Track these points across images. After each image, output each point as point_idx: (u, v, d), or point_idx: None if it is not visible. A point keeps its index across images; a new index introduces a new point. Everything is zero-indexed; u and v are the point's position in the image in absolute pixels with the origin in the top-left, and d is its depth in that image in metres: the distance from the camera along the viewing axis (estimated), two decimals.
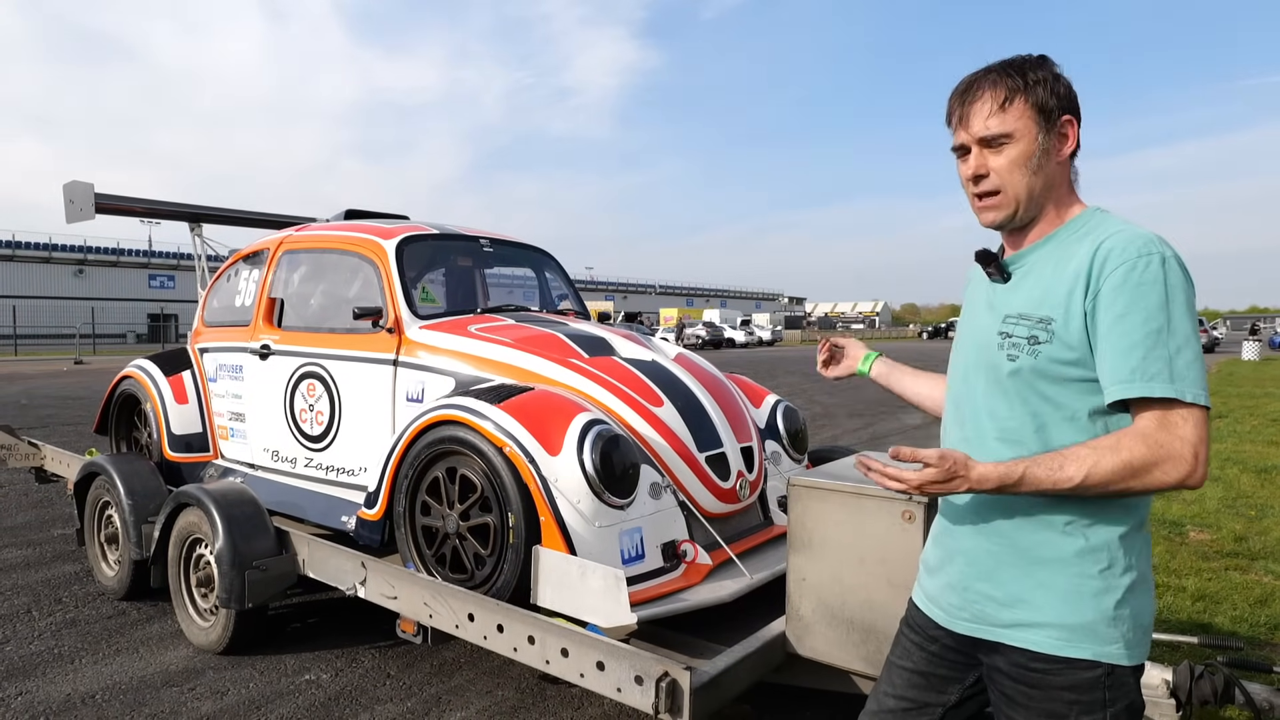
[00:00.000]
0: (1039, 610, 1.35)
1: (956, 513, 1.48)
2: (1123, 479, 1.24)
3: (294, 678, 3.36)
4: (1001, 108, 1.37)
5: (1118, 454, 1.25)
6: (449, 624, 2.69)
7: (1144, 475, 1.24)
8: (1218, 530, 5.49)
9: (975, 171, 1.41)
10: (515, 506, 2.67)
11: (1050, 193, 1.40)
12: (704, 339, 43.22)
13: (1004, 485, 1.30)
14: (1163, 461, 1.23)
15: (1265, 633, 3.75)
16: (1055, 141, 1.38)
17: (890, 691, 1.59)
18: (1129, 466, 1.24)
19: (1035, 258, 1.42)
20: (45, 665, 3.45)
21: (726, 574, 2.84)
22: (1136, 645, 1.35)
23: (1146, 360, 1.24)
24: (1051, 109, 1.36)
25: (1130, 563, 1.35)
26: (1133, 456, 1.24)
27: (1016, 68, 1.38)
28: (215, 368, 4.43)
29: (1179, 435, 1.23)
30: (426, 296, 3.85)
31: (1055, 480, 1.27)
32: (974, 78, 1.42)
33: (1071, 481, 1.26)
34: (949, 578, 1.49)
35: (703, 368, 3.59)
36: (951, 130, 1.45)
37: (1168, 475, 1.23)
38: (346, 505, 3.50)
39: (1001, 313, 1.42)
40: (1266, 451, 8.64)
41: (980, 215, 1.44)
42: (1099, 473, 1.25)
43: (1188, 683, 2.15)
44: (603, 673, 2.21)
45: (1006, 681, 1.40)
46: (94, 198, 5.03)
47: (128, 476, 4.09)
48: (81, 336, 33.15)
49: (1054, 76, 1.38)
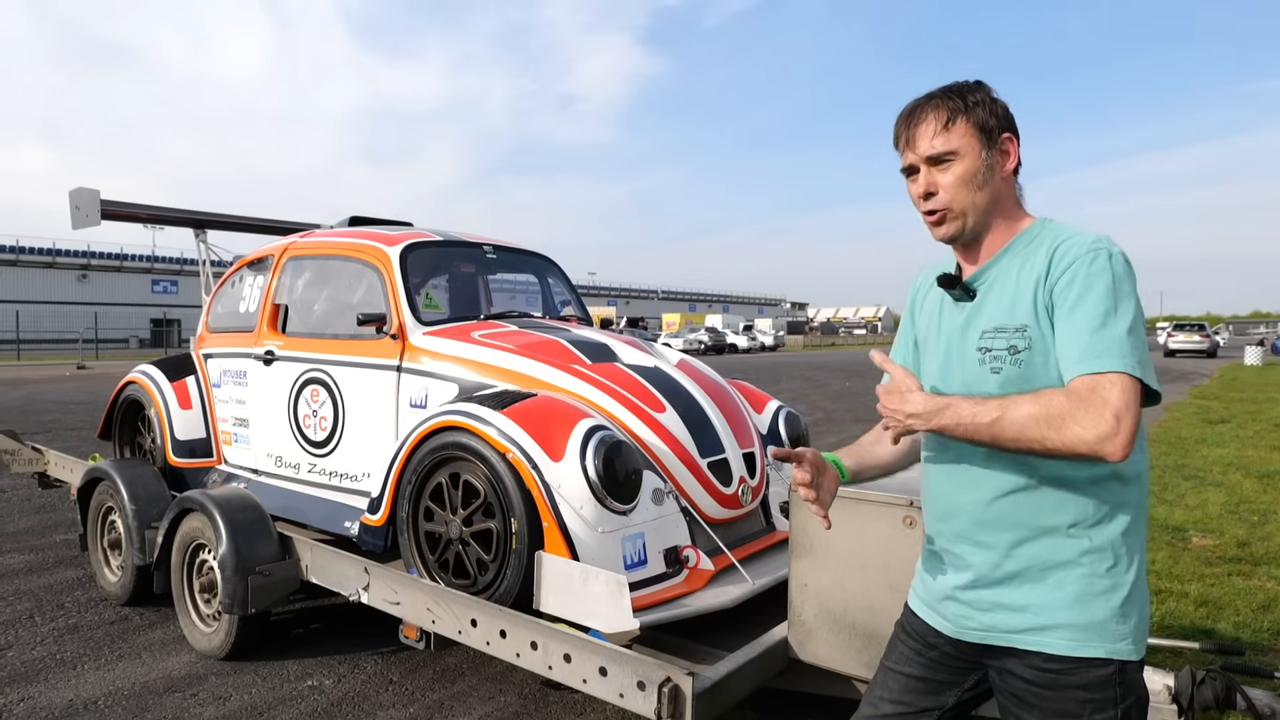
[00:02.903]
0: (1051, 613, 1.37)
1: (957, 520, 1.48)
2: (1038, 426, 1.27)
3: (296, 683, 3.36)
4: (945, 128, 1.44)
5: (1038, 401, 1.28)
6: (452, 629, 2.70)
7: (1060, 426, 1.25)
8: (1220, 536, 5.48)
9: (925, 189, 1.48)
10: (518, 512, 2.68)
11: (997, 207, 1.47)
12: (706, 344, 43.23)
13: (928, 410, 1.36)
14: (1080, 415, 1.24)
15: (1268, 638, 3.75)
16: (998, 158, 1.45)
17: (886, 696, 1.59)
18: (1046, 414, 1.26)
19: (996, 271, 1.47)
20: (48, 671, 3.46)
21: (729, 579, 2.85)
22: (1140, 640, 1.38)
23: (1094, 339, 1.29)
24: (992, 128, 1.44)
25: (1132, 559, 1.38)
26: (1051, 405, 1.27)
27: (956, 91, 1.47)
28: (219, 373, 4.44)
29: (1103, 396, 1.25)
30: (430, 303, 3.87)
31: (975, 413, 1.32)
32: (917, 103, 1.50)
33: (989, 417, 1.30)
34: (953, 587, 1.49)
35: (705, 373, 3.60)
36: (900, 152, 1.52)
37: (1085, 431, 1.24)
38: (350, 511, 3.50)
39: (977, 329, 1.45)
40: (1269, 456, 8.63)
41: (933, 231, 1.52)
42: (1016, 413, 1.28)
43: (1189, 688, 2.15)
44: (605, 678, 2.21)
45: (1019, 684, 1.41)
46: (100, 204, 5.05)
47: (131, 482, 4.10)
48: (84, 341, 33.20)
49: (991, 99, 1.46)
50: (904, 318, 1.71)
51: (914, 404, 1.38)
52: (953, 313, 1.52)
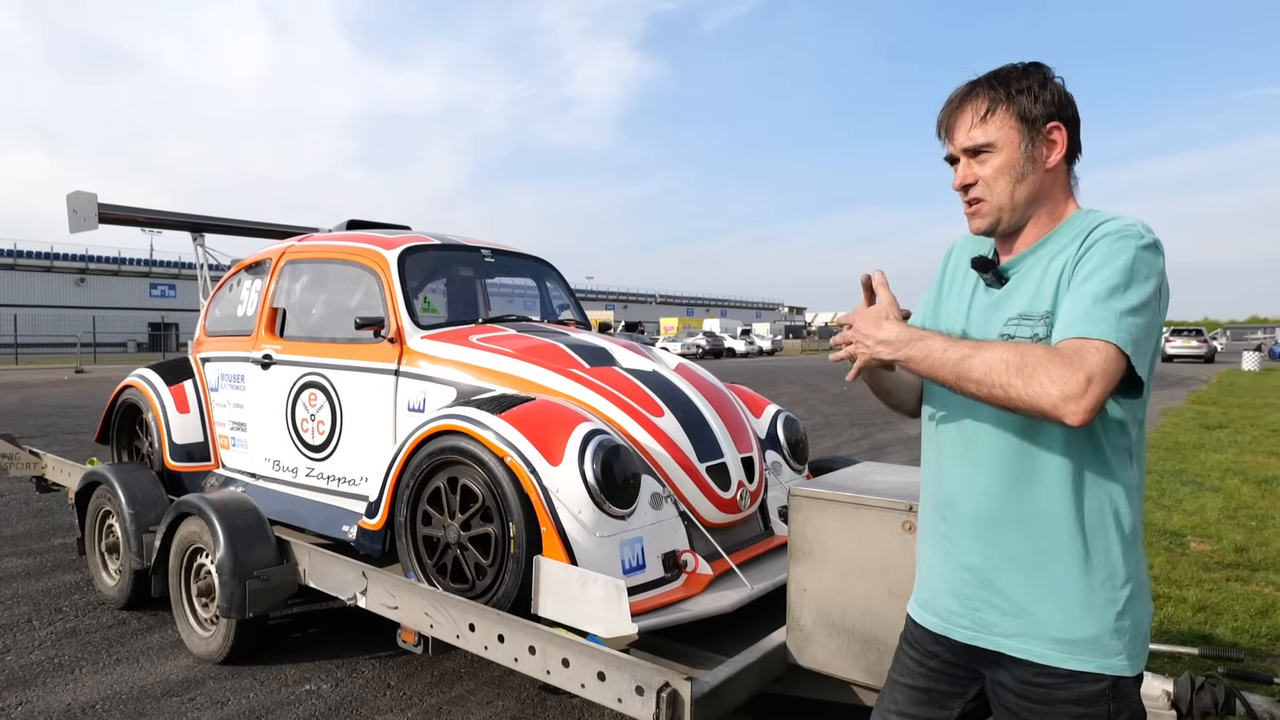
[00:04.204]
0: (1043, 622, 1.35)
1: (953, 519, 1.47)
2: (1007, 371, 1.23)
3: (294, 688, 3.35)
4: (983, 119, 1.40)
5: (1015, 349, 1.26)
6: (450, 634, 2.69)
7: (1029, 376, 1.22)
8: (1219, 541, 5.48)
9: (963, 181, 1.45)
10: (516, 516, 2.67)
11: (1042, 199, 1.41)
12: (704, 349, 43.24)
13: (899, 338, 1.35)
14: (1052, 369, 1.20)
15: (1266, 644, 3.75)
16: (1041, 149, 1.39)
17: (893, 709, 1.58)
18: (1021, 361, 1.23)
19: (1031, 261, 1.43)
20: (45, 675, 3.45)
21: (727, 584, 2.84)
22: (1137, 655, 1.35)
23: (1094, 308, 1.25)
24: (1035, 117, 1.38)
25: (1130, 572, 1.35)
26: (1027, 355, 1.24)
27: (1001, 79, 1.41)
28: (217, 377, 4.44)
29: (1081, 358, 1.21)
30: (428, 306, 3.87)
31: (945, 347, 1.31)
32: (960, 91, 1.45)
33: (960, 353, 1.29)
34: (947, 584, 1.48)
35: (703, 378, 3.60)
36: (942, 142, 1.49)
37: (1051, 385, 1.20)
38: (348, 515, 3.50)
39: (1003, 316, 1.42)
40: (1267, 462, 8.63)
41: (970, 222, 1.48)
42: (988, 355, 1.26)
43: (1189, 694, 2.15)
44: (603, 683, 2.21)
45: (1010, 696, 1.40)
46: (97, 208, 5.05)
47: (129, 486, 4.09)
48: (82, 345, 33.18)
49: (1041, 84, 1.39)
50: (933, 282, 1.66)
51: (887, 331, 1.37)
52: (981, 294, 1.50)
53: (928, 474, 1.57)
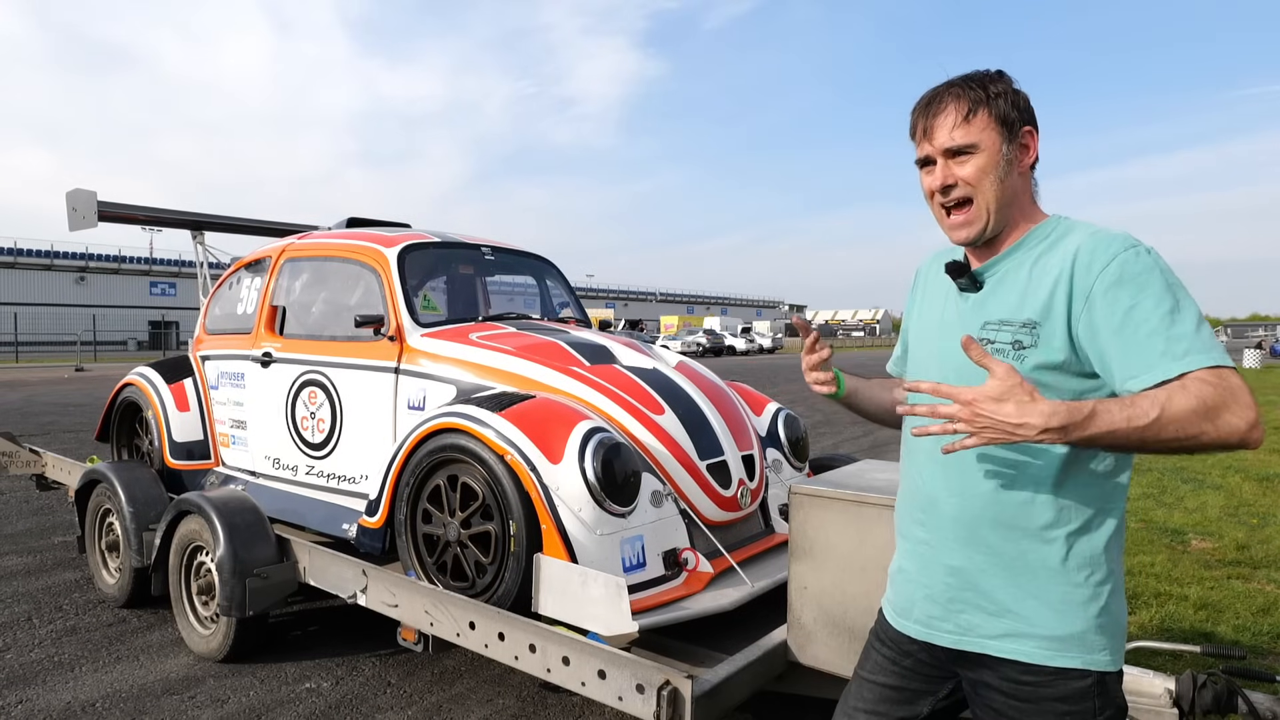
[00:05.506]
0: (1029, 621, 1.35)
1: (933, 522, 1.46)
2: (1197, 419, 1.17)
3: (294, 686, 3.35)
4: (966, 119, 1.39)
5: (1187, 393, 1.18)
6: (450, 632, 2.69)
7: (1216, 417, 1.16)
8: (1220, 539, 5.48)
9: (944, 182, 1.42)
10: (517, 514, 2.67)
11: (1015, 203, 1.42)
12: (704, 346, 43.24)
13: (1071, 422, 1.17)
14: (1232, 404, 1.17)
15: (1268, 642, 3.75)
16: (1017, 152, 1.40)
17: (860, 706, 1.57)
18: (1204, 405, 1.17)
19: (1008, 264, 1.42)
20: (45, 673, 3.45)
21: (728, 582, 2.84)
22: (1118, 650, 1.36)
23: (1171, 342, 1.22)
24: (1013, 120, 1.39)
25: (1110, 569, 1.36)
26: (1204, 396, 1.17)
27: (977, 81, 1.40)
28: (217, 375, 4.44)
29: (1235, 384, 1.19)
30: (428, 304, 3.86)
31: (1130, 416, 1.17)
32: (936, 91, 1.44)
33: (1148, 417, 1.17)
34: (927, 589, 1.47)
35: (704, 375, 3.59)
36: (915, 143, 1.46)
37: (1237, 419, 1.17)
38: (348, 513, 3.50)
39: (980, 320, 1.41)
40: (1268, 460, 8.62)
41: (953, 233, 1.45)
42: (1174, 409, 1.17)
43: (1190, 692, 2.14)
44: (604, 681, 2.20)
45: (998, 697, 1.39)
46: (97, 205, 5.05)
47: (129, 484, 4.09)
48: (83, 343, 33.19)
49: (1013, 90, 1.40)
50: (908, 303, 1.67)
51: (1041, 413, 1.18)
52: (956, 301, 1.49)
53: (906, 476, 1.56)
